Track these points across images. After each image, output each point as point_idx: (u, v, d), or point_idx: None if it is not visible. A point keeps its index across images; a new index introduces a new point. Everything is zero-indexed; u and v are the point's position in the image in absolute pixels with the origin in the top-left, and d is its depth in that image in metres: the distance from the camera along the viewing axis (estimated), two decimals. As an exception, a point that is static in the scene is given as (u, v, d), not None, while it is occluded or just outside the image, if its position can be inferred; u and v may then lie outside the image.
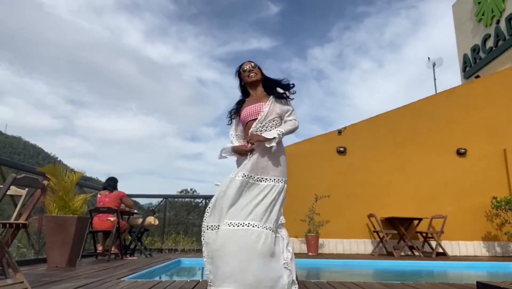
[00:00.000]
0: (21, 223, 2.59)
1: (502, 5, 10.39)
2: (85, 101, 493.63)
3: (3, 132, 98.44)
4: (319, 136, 8.33)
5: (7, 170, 4.79)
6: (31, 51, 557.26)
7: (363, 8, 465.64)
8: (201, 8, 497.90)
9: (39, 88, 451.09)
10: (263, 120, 2.55)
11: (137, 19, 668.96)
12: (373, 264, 6.06)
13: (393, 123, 8.34)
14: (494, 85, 8.50)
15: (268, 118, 2.55)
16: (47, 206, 4.61)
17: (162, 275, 4.53)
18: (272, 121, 2.56)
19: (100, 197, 6.02)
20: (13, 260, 2.55)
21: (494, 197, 7.33)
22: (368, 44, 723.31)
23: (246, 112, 2.62)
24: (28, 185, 2.87)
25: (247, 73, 2.69)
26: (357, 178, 7.92)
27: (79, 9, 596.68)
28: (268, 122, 2.55)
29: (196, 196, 11.37)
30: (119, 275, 3.61)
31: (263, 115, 2.55)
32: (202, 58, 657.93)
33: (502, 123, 8.11)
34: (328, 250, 7.56)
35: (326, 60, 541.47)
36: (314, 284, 3.22)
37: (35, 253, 5.27)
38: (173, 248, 7.63)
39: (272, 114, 2.57)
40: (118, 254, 5.85)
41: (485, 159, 7.96)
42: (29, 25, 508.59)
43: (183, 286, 2.99)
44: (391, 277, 4.92)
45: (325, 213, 7.46)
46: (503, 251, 7.55)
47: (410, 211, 7.55)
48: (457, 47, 12.51)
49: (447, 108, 8.36)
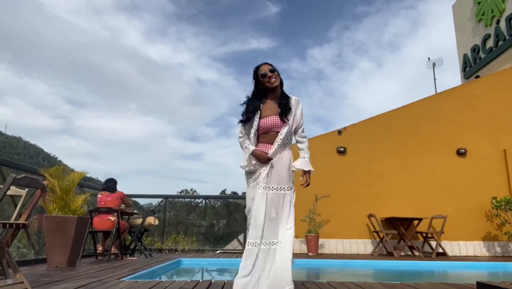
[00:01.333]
0: (21, 223, 2.59)
1: (502, 5, 10.39)
2: (84, 101, 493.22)
3: (3, 132, 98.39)
4: (319, 136, 8.33)
5: (7, 170, 4.79)
6: (31, 51, 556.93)
7: (362, 8, 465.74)
8: (201, 8, 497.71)
9: (38, 88, 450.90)
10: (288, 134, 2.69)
11: (136, 19, 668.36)
12: (373, 264, 6.06)
13: (393, 123, 8.34)
14: (494, 85, 8.51)
15: (290, 132, 2.72)
16: (47, 206, 4.61)
17: (162, 275, 4.52)
18: (291, 134, 2.75)
19: (101, 197, 6.02)
20: (13, 260, 2.55)
21: (494, 197, 7.33)
22: (367, 44, 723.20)
23: (268, 122, 2.67)
24: (28, 185, 2.87)
25: (267, 79, 2.68)
26: (357, 178, 7.92)
27: (78, 9, 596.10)
28: (290, 135, 2.73)
29: (196, 196, 11.38)
30: (119, 275, 3.60)
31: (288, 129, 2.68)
32: (202, 58, 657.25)
33: (502, 123, 8.11)
34: (328, 250, 7.56)
35: (325, 60, 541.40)
36: (314, 284, 3.22)
37: (35, 253, 5.26)
38: (173, 248, 7.63)
39: (293, 128, 2.73)
40: (118, 254, 5.85)
41: (485, 159, 7.96)
42: (29, 25, 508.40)
43: (183, 286, 2.99)
44: (391, 277, 4.93)
45: (325, 213, 7.46)
46: (503, 251, 7.55)
47: (410, 211, 7.55)
48: (457, 47, 12.52)
49: (447, 108, 8.36)
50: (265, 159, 2.59)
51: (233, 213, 9.86)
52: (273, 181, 2.58)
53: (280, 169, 2.62)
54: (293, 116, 2.70)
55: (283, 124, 2.66)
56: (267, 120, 2.67)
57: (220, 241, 8.87)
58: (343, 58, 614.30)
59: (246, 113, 2.74)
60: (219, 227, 9.38)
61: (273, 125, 2.66)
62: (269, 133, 2.67)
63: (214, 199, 9.75)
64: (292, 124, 2.69)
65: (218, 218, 9.49)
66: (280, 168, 2.62)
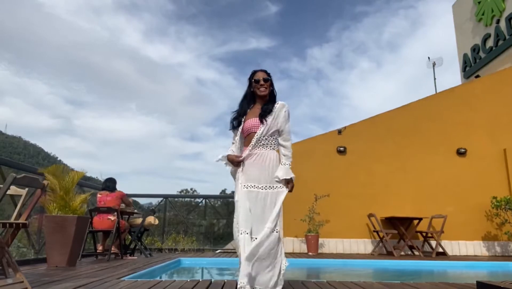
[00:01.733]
0: (21, 223, 2.60)
1: (502, 5, 10.38)
2: (84, 101, 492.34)
3: (3, 132, 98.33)
4: (319, 136, 8.33)
5: (7, 170, 4.79)
6: (31, 51, 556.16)
7: (362, 8, 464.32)
8: (200, 8, 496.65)
9: (38, 88, 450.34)
10: (265, 134, 2.70)
11: (136, 19, 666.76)
12: (373, 264, 6.06)
13: (393, 123, 8.34)
14: (494, 85, 8.51)
15: (268, 133, 2.71)
16: (47, 206, 4.61)
17: (162, 274, 4.53)
18: (272, 135, 2.74)
19: (101, 196, 6.02)
20: (13, 260, 2.55)
21: (494, 197, 7.33)
22: (367, 44, 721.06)
23: (248, 124, 2.76)
24: (28, 185, 2.87)
25: (258, 86, 2.79)
26: (357, 178, 7.92)
27: (78, 9, 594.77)
28: (269, 136, 2.73)
29: (196, 196, 11.38)
30: (119, 275, 3.60)
31: (265, 129, 2.69)
32: (201, 58, 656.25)
33: (502, 123, 8.11)
34: (328, 249, 7.56)
35: (325, 60, 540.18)
36: (314, 284, 3.22)
37: (35, 253, 5.27)
38: (173, 248, 7.63)
39: (272, 129, 2.71)
40: (118, 254, 5.85)
41: (485, 159, 7.96)
42: (28, 25, 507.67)
43: (183, 286, 2.99)
44: (391, 277, 4.93)
45: (325, 213, 7.46)
46: (503, 250, 7.55)
47: (410, 210, 7.56)
48: (457, 47, 12.51)
49: (447, 108, 8.36)
50: (236, 162, 2.70)
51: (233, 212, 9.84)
52: (251, 179, 2.63)
53: (259, 169, 2.65)
54: (274, 118, 2.72)
55: (260, 125, 2.70)
56: (247, 123, 2.76)
57: (220, 241, 8.87)
58: (343, 58, 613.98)
59: (235, 118, 2.85)
60: (219, 226, 9.39)
61: (252, 126, 2.73)
62: (249, 135, 2.75)
63: (214, 198, 9.75)
64: (271, 125, 2.70)
65: (218, 217, 9.50)
66: (259, 168, 2.65)
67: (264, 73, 2.81)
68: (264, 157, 2.68)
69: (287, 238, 7.61)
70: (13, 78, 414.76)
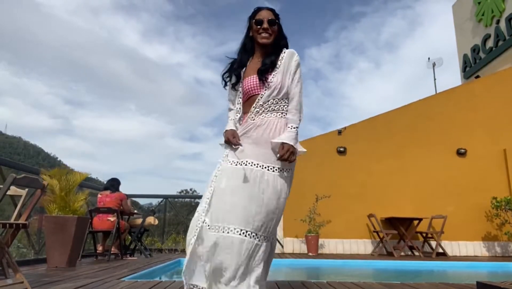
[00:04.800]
0: (21, 223, 2.59)
1: (502, 5, 10.39)
2: (83, 101, 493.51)
3: (3, 132, 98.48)
4: (319, 137, 8.33)
5: (7, 170, 4.79)
6: (30, 52, 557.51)
7: (359, 8, 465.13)
8: (198, 8, 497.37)
9: (37, 88, 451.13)
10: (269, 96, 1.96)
11: (134, 19, 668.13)
12: (373, 264, 6.06)
13: (393, 123, 8.33)
14: (494, 85, 8.51)
15: (279, 96, 1.97)
16: (47, 206, 4.61)
17: (162, 275, 4.52)
18: (282, 98, 1.99)
19: (101, 197, 6.01)
20: (13, 260, 2.55)
21: (494, 197, 7.33)
22: (365, 44, 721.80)
23: (247, 84, 2.02)
24: (28, 185, 2.87)
25: (259, 29, 2.02)
26: (357, 178, 7.92)
27: (76, 9, 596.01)
28: (279, 99, 1.98)
29: (196, 196, 11.37)
30: (119, 275, 3.60)
31: (271, 93, 1.96)
32: (200, 58, 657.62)
33: (502, 123, 8.11)
34: (328, 250, 7.56)
35: (323, 60, 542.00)
36: (314, 284, 3.22)
37: (35, 253, 5.27)
38: (173, 248, 7.63)
39: (282, 90, 1.97)
40: (118, 254, 5.85)
41: (485, 159, 7.96)
42: (27, 26, 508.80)
43: (183, 286, 2.99)
44: (391, 277, 4.92)
45: (325, 213, 7.46)
46: (503, 251, 7.55)
47: (410, 211, 7.55)
48: (457, 47, 12.51)
49: (447, 108, 8.36)
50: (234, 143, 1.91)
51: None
52: (248, 156, 1.88)
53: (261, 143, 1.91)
54: (284, 73, 1.97)
55: (263, 86, 1.96)
56: (246, 82, 2.02)
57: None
58: (341, 58, 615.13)
59: (234, 69, 2.09)
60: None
61: (251, 87, 1.99)
62: (249, 99, 2.00)
63: (214, 199, 9.72)
64: (281, 84, 1.96)
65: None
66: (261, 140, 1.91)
67: (270, 13, 2.04)
68: (273, 127, 1.94)
69: (287, 238, 7.62)
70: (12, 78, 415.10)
